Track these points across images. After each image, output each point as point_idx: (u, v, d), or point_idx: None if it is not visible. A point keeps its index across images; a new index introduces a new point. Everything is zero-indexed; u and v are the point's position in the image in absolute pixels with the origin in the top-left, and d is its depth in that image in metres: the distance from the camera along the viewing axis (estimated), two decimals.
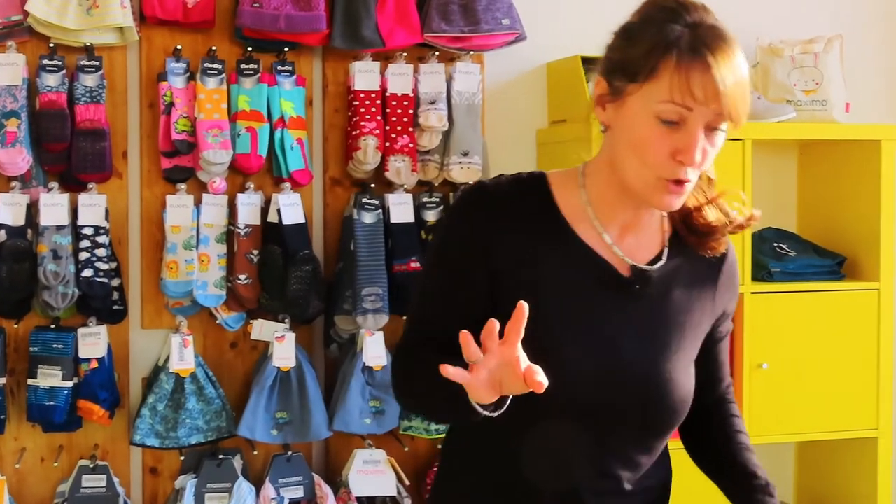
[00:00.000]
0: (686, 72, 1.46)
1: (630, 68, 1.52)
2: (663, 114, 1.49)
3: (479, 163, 2.89)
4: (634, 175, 1.54)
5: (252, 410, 2.72)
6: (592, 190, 1.63)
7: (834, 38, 3.01)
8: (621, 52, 1.56)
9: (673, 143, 1.49)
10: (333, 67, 2.88)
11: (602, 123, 1.60)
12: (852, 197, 3.09)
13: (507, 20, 2.84)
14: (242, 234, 2.74)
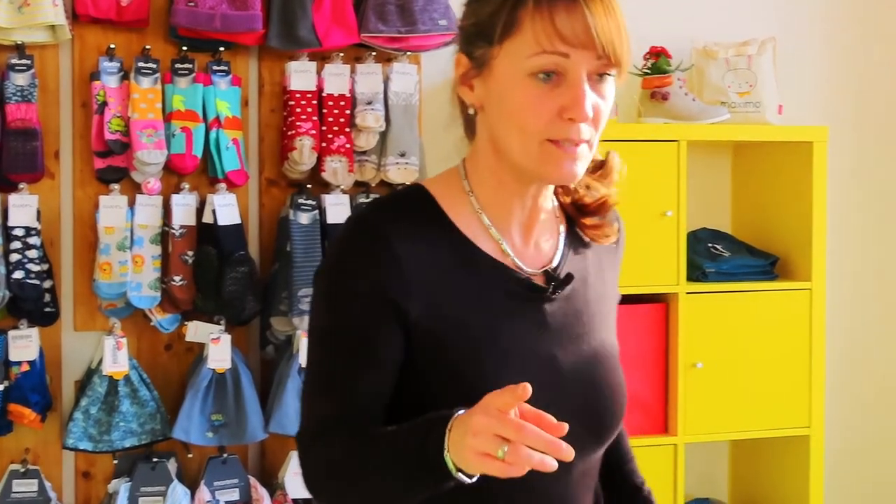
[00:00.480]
0: (549, 12, 1.32)
1: (487, 29, 1.37)
2: (537, 67, 1.34)
3: (417, 163, 2.90)
4: (520, 148, 1.37)
5: (187, 413, 2.71)
6: (480, 192, 1.46)
7: (767, 40, 3.05)
8: (474, 15, 1.41)
9: (556, 101, 1.34)
10: (269, 67, 2.88)
11: (472, 106, 1.44)
12: (785, 198, 3.13)
13: (444, 21, 2.84)
14: (177, 236, 2.73)
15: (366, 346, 1.38)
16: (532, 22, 1.33)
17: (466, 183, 1.46)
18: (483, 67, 1.39)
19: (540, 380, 1.34)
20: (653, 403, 2.96)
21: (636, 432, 2.84)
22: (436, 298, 1.38)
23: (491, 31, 1.36)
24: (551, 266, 1.49)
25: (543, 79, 1.34)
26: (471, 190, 1.45)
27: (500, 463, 1.17)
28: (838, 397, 3.31)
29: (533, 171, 1.39)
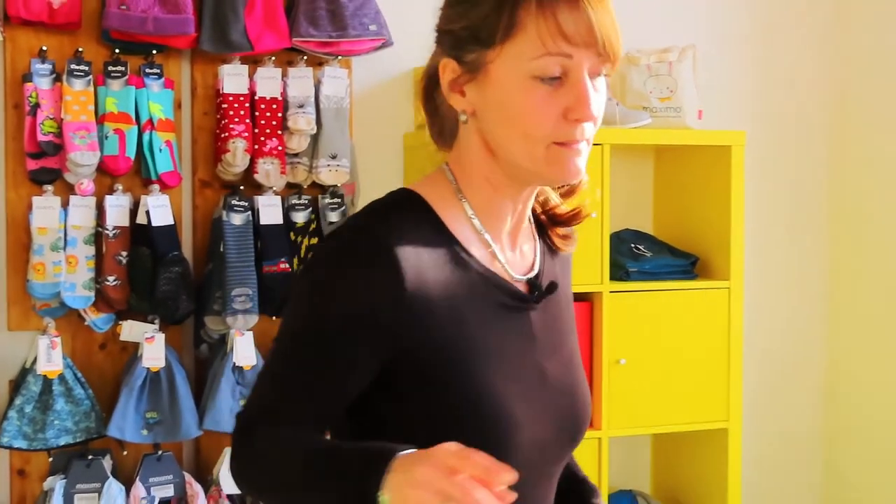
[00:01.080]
0: (552, 12, 1.26)
1: (482, 32, 1.31)
2: (541, 70, 1.28)
3: (348, 165, 2.92)
4: (525, 153, 1.32)
5: (122, 411, 2.70)
6: (473, 197, 1.40)
7: (687, 47, 3.08)
8: (465, 17, 1.33)
9: (561, 102, 1.29)
10: (202, 70, 2.87)
11: (463, 112, 1.37)
12: (705, 200, 3.16)
13: (375, 26, 2.85)
14: (111, 236, 2.72)
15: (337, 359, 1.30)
16: (535, 23, 1.27)
17: (457, 187, 1.40)
18: (477, 72, 1.33)
19: (531, 396, 1.37)
20: None
21: None
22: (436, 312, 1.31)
23: (487, 33, 1.30)
24: (533, 273, 1.46)
25: (548, 80, 1.29)
26: (463, 195, 1.40)
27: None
28: (755, 392, 3.38)
29: (539, 173, 1.35)
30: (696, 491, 3.23)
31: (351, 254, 1.32)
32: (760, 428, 3.44)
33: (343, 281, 1.31)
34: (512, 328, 1.40)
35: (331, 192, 2.93)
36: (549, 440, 1.40)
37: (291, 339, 1.34)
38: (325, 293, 1.32)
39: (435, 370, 1.32)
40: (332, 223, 2.92)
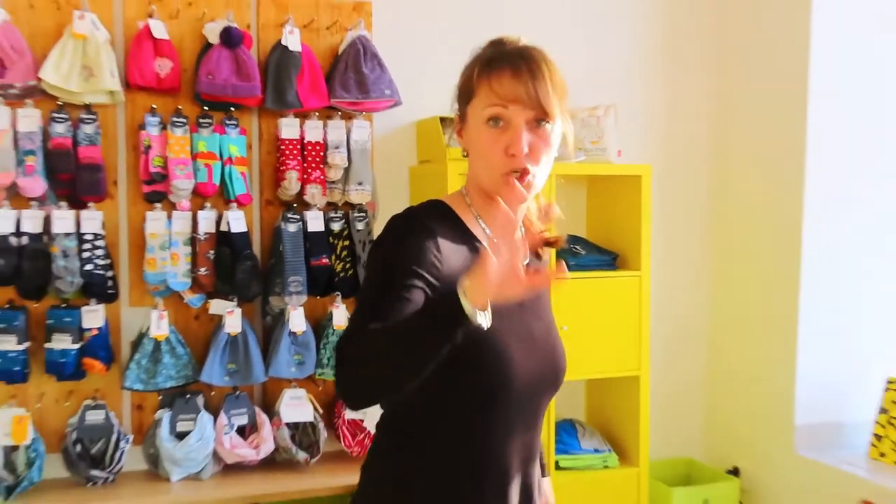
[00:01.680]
0: (496, 79, 1.35)
1: (463, 93, 1.42)
2: (486, 116, 1.36)
3: (370, 189, 2.89)
4: (486, 178, 1.40)
5: (210, 363, 2.70)
6: (478, 205, 1.47)
7: (610, 105, 3.06)
8: (460, 81, 1.45)
9: (504, 142, 1.35)
10: (266, 122, 2.84)
11: (463, 150, 1.46)
12: (623, 214, 3.14)
13: (389, 91, 2.84)
14: (202, 239, 2.70)
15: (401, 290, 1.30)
16: (484, 84, 1.37)
17: (468, 199, 1.48)
18: (465, 121, 1.43)
19: (523, 342, 1.42)
20: None
21: None
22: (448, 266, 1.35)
23: (465, 92, 1.42)
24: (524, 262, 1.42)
25: (493, 125, 1.36)
26: (471, 203, 1.47)
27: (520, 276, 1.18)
28: (658, 349, 3.37)
29: (495, 190, 1.38)
30: (617, 419, 3.23)
31: (400, 227, 1.37)
32: (662, 375, 3.44)
33: (398, 242, 1.36)
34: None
35: (358, 208, 2.91)
36: (537, 377, 1.42)
37: (368, 286, 1.37)
38: (387, 251, 1.36)
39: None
40: (359, 230, 2.89)
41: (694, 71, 3.47)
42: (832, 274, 3.10)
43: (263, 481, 2.69)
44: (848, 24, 3.04)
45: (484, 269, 1.17)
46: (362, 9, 2.92)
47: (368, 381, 1.26)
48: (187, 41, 2.72)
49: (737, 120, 3.41)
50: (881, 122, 3.10)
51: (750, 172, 3.33)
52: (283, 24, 2.78)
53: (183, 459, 2.63)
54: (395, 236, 1.38)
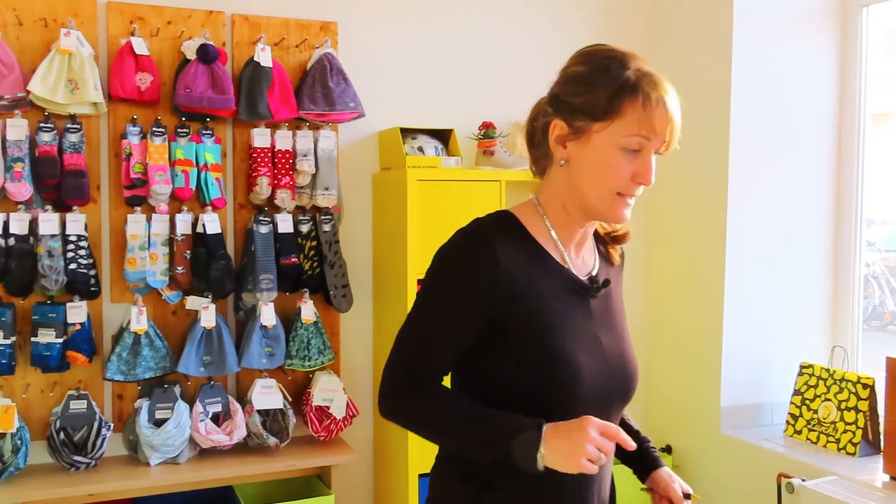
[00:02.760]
0: (650, 110, 1.26)
1: (594, 110, 1.28)
2: (629, 145, 1.27)
3: (336, 194, 2.94)
4: (597, 197, 1.31)
5: (186, 355, 2.75)
6: (553, 218, 1.37)
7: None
8: (583, 97, 1.30)
9: (632, 168, 1.28)
10: (240, 132, 2.89)
11: (561, 159, 1.33)
12: None
13: (353, 104, 2.90)
14: (179, 240, 2.76)
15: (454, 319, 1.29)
16: (637, 113, 1.26)
17: (541, 210, 1.39)
18: (581, 135, 1.30)
19: (591, 353, 1.33)
20: None
21: None
22: (521, 289, 1.29)
23: (598, 112, 1.28)
24: (593, 273, 1.43)
25: (630, 152, 1.28)
26: (545, 215, 1.38)
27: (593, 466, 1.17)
28: None
29: (601, 213, 1.33)
30: None
31: (462, 247, 1.31)
32: None
33: (457, 265, 1.29)
34: (576, 308, 1.35)
35: (325, 211, 2.97)
36: (605, 390, 1.34)
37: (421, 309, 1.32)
38: (445, 275, 1.31)
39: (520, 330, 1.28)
40: (326, 231, 2.95)
41: None
42: (753, 268, 3.18)
43: (236, 465, 2.74)
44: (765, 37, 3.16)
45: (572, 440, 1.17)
46: (329, 28, 3.02)
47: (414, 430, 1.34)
48: (166, 57, 2.79)
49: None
50: (796, 123, 3.19)
51: (680, 171, 3.39)
52: (255, 42, 2.86)
53: (161, 445, 2.68)
54: (458, 256, 1.31)
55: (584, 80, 1.31)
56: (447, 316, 1.30)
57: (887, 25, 3.23)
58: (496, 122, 3.15)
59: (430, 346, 1.31)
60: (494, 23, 3.35)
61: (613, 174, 1.29)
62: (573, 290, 1.36)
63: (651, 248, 3.64)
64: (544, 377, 1.27)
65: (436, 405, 1.29)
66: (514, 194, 3.26)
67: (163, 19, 2.79)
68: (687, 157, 3.38)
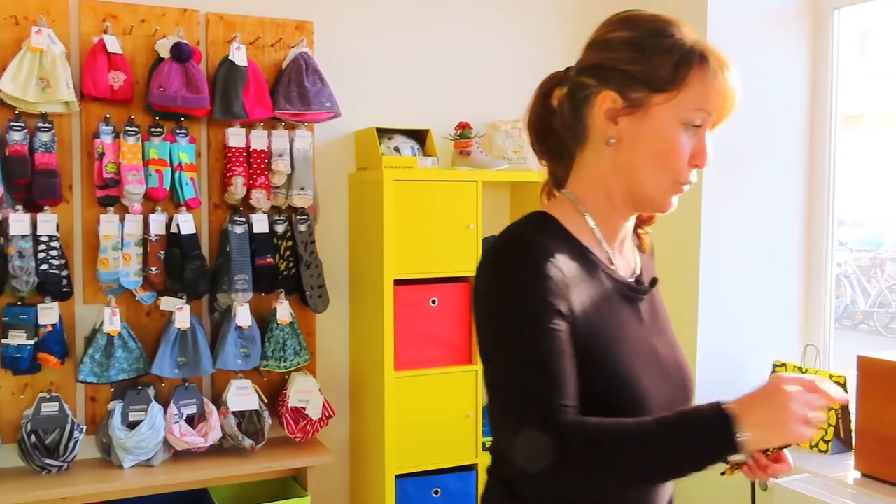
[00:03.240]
0: (715, 82, 1.12)
1: (656, 79, 1.13)
2: (691, 119, 1.13)
3: (311, 194, 2.94)
4: (654, 181, 1.16)
5: (161, 356, 2.73)
6: (594, 211, 1.20)
7: None
8: (640, 64, 1.14)
9: (689, 148, 1.14)
10: (214, 131, 2.87)
11: (611, 137, 1.16)
12: None
13: (329, 104, 2.90)
14: (153, 240, 2.74)
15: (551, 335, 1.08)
16: (702, 84, 1.12)
17: (580, 206, 1.21)
18: (638, 108, 1.14)
19: (648, 362, 1.19)
20: (462, 344, 3.00)
21: (451, 363, 2.97)
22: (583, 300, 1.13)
23: (660, 81, 1.13)
24: (637, 272, 1.28)
25: (691, 127, 1.14)
26: (585, 210, 1.21)
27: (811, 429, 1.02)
28: None
29: (654, 201, 1.19)
30: None
31: (519, 258, 1.11)
32: None
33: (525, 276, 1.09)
34: (630, 316, 1.21)
35: (300, 211, 2.96)
36: (670, 404, 1.18)
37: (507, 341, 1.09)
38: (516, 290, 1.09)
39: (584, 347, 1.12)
40: (302, 232, 2.95)
41: None
42: (727, 269, 3.20)
43: (212, 467, 2.73)
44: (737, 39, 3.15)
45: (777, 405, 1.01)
46: (305, 28, 3.01)
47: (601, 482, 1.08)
48: (140, 55, 2.77)
49: None
50: (768, 125, 3.23)
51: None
52: (230, 41, 2.84)
53: (134, 447, 2.66)
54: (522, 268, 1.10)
55: (638, 46, 1.15)
56: (542, 332, 1.07)
57: (858, 27, 3.26)
58: (472, 123, 3.15)
59: (546, 369, 1.07)
60: (471, 23, 3.36)
61: (675, 154, 1.14)
62: (624, 296, 1.21)
63: None
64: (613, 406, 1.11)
65: (609, 432, 1.05)
66: (490, 195, 3.30)
67: (136, 17, 2.77)
68: None
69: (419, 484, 2.96)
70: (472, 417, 3.02)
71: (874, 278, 6.37)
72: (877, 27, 3.21)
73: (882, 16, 3.14)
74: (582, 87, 1.20)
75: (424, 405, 2.96)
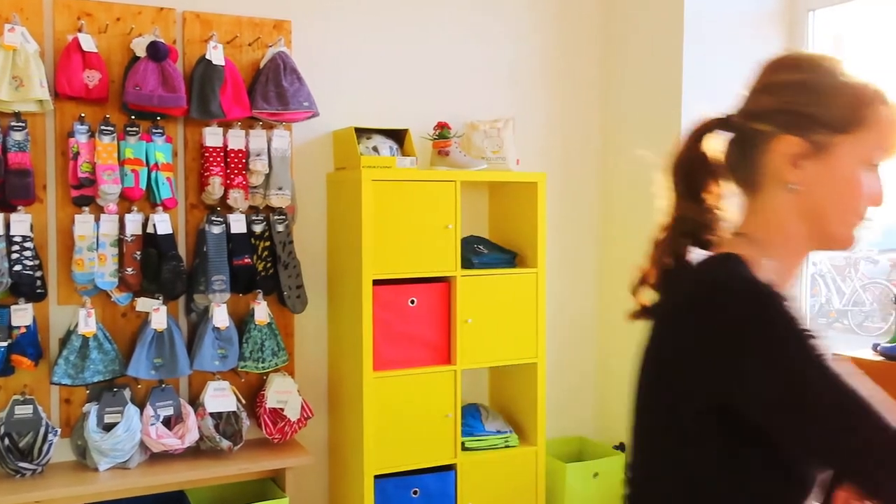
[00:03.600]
0: (893, 119, 1.11)
1: (836, 121, 1.10)
2: (872, 160, 1.11)
3: (289, 194, 2.92)
4: (840, 223, 1.12)
5: (137, 358, 2.71)
6: (776, 256, 1.14)
7: (509, 118, 3.16)
8: (821, 107, 1.11)
9: (871, 189, 1.12)
10: (191, 131, 2.85)
11: (793, 183, 1.12)
12: (521, 216, 3.20)
13: (307, 103, 2.89)
14: (129, 241, 2.71)
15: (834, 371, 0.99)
16: (878, 123, 1.10)
17: (760, 249, 1.14)
18: (821, 151, 1.11)
19: None
20: (441, 344, 3.00)
21: (430, 363, 2.97)
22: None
23: (841, 122, 1.10)
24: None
25: (872, 167, 1.12)
26: (764, 255, 1.14)
27: None
28: (553, 339, 3.49)
29: (839, 241, 1.14)
30: (516, 402, 3.31)
31: (767, 298, 1.03)
32: (557, 362, 3.56)
33: (786, 315, 1.01)
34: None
35: (278, 211, 2.95)
36: None
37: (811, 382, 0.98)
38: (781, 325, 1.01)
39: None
40: (280, 232, 2.93)
41: (583, 88, 3.65)
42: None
43: (188, 469, 2.71)
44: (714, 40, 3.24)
45: None
46: (282, 27, 2.99)
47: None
48: (115, 54, 2.74)
49: (622, 131, 3.58)
50: None
51: (632, 180, 3.48)
52: (207, 40, 2.82)
53: (110, 450, 2.64)
54: (771, 306, 1.02)
55: (815, 88, 1.12)
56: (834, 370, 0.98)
57: (833, 29, 3.29)
58: (451, 123, 3.14)
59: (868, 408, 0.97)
60: (450, 23, 3.36)
61: (860, 196, 1.11)
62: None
63: (603, 246, 3.70)
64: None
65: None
66: (469, 195, 3.30)
67: (111, 16, 2.74)
68: (639, 159, 3.43)
69: (398, 484, 2.95)
70: (451, 417, 3.02)
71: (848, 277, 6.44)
72: (851, 29, 3.24)
73: (856, 17, 3.17)
74: (754, 132, 1.16)
75: (403, 405, 2.95)
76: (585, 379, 3.72)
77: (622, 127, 3.57)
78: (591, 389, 3.73)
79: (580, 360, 3.70)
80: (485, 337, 3.06)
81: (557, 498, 3.25)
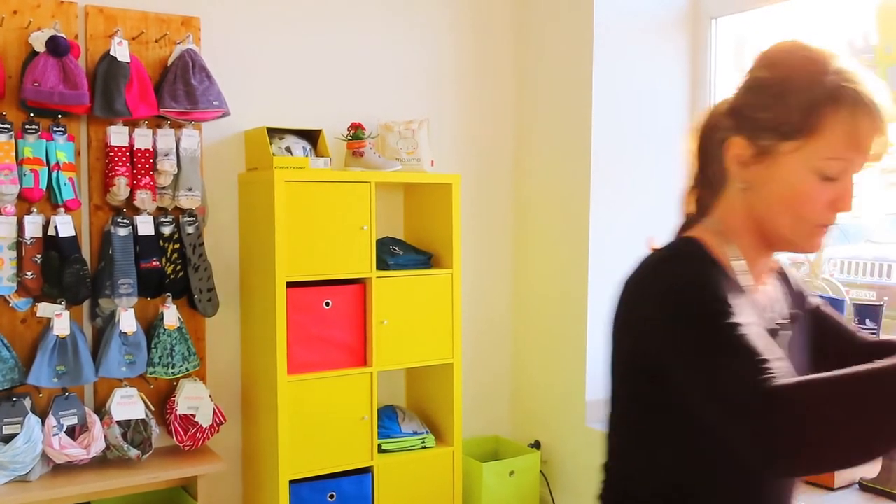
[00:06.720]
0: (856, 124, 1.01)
1: (784, 127, 1.05)
2: (828, 170, 1.04)
3: (199, 195, 2.88)
4: (789, 228, 1.09)
5: (38, 366, 2.63)
6: (739, 245, 1.15)
7: (423, 120, 3.17)
8: (769, 111, 1.06)
9: (829, 194, 1.06)
10: (95, 129, 2.79)
11: (742, 181, 1.12)
12: (436, 217, 3.23)
13: (217, 102, 2.85)
14: (28, 244, 2.64)
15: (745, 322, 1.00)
16: (838, 130, 1.02)
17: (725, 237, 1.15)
18: (766, 155, 1.08)
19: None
20: (357, 346, 3.00)
21: (346, 365, 2.96)
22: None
23: (789, 128, 1.05)
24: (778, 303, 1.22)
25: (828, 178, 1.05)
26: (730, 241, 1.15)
27: None
28: (469, 339, 3.53)
29: (796, 245, 1.12)
30: (432, 403, 3.34)
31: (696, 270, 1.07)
32: (472, 362, 3.59)
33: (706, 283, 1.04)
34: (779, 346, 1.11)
35: (188, 213, 2.91)
36: None
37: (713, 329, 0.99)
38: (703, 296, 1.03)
39: None
40: (189, 234, 2.88)
41: (497, 90, 3.69)
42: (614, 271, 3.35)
43: (95, 479, 2.65)
44: (622, 47, 3.34)
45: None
46: (191, 23, 2.94)
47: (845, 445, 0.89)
48: (12, 49, 2.64)
49: (535, 132, 3.63)
50: (652, 127, 3.36)
51: (545, 180, 3.56)
52: (111, 36, 2.75)
53: (9, 463, 2.55)
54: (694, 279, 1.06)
55: (772, 90, 1.07)
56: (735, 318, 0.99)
57: (734, 37, 3.43)
58: (365, 123, 3.14)
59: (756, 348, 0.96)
60: (363, 23, 3.36)
61: (808, 205, 1.06)
62: (773, 331, 1.15)
63: (518, 247, 3.74)
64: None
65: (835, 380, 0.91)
66: (384, 196, 3.31)
67: (8, 8, 2.65)
68: (551, 160, 3.52)
69: (314, 488, 2.94)
70: (367, 420, 3.02)
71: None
72: (752, 35, 3.38)
73: (756, 25, 3.31)
74: (719, 128, 1.16)
75: (318, 409, 2.94)
76: (500, 379, 3.76)
77: (535, 128, 3.63)
78: (507, 389, 3.78)
79: (495, 360, 3.74)
80: (401, 338, 3.07)
81: (474, 497, 3.29)
